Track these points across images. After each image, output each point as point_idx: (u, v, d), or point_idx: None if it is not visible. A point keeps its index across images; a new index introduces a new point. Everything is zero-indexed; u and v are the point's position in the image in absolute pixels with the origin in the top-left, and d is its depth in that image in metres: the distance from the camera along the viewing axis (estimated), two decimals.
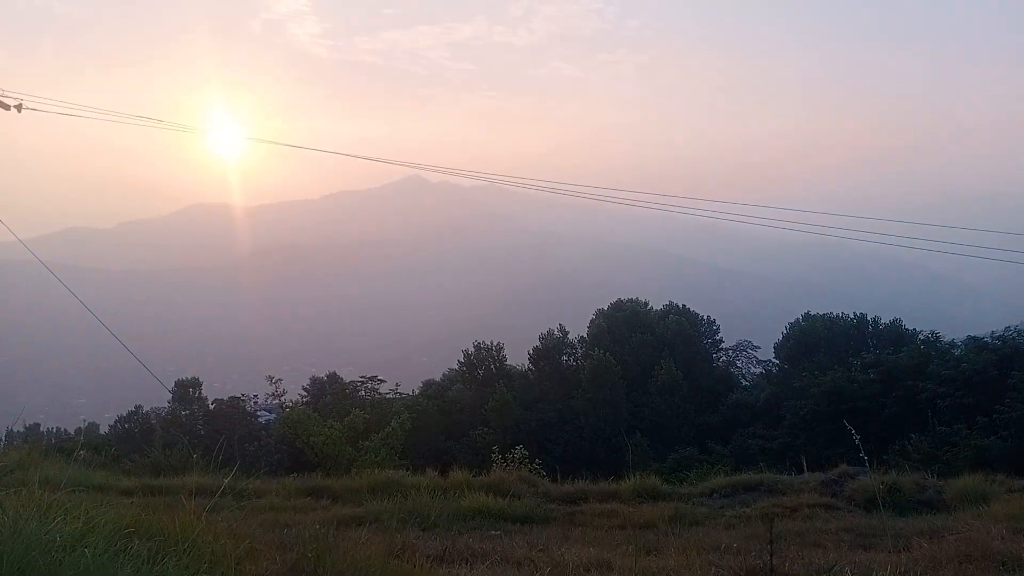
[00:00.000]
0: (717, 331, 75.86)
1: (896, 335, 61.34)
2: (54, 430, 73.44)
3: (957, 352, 47.33)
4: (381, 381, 58.69)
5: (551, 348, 66.65)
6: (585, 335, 69.34)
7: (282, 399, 49.10)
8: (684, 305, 74.54)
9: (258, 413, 58.17)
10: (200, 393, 61.12)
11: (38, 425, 73.96)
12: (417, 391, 65.09)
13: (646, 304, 72.35)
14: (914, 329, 62.62)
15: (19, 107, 24.20)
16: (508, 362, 67.23)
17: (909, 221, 36.87)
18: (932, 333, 56.79)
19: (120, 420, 62.61)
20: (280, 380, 51.87)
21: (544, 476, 15.46)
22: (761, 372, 73.49)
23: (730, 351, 79.21)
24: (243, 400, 58.28)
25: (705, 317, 75.01)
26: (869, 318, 65.25)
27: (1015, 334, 44.61)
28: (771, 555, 5.30)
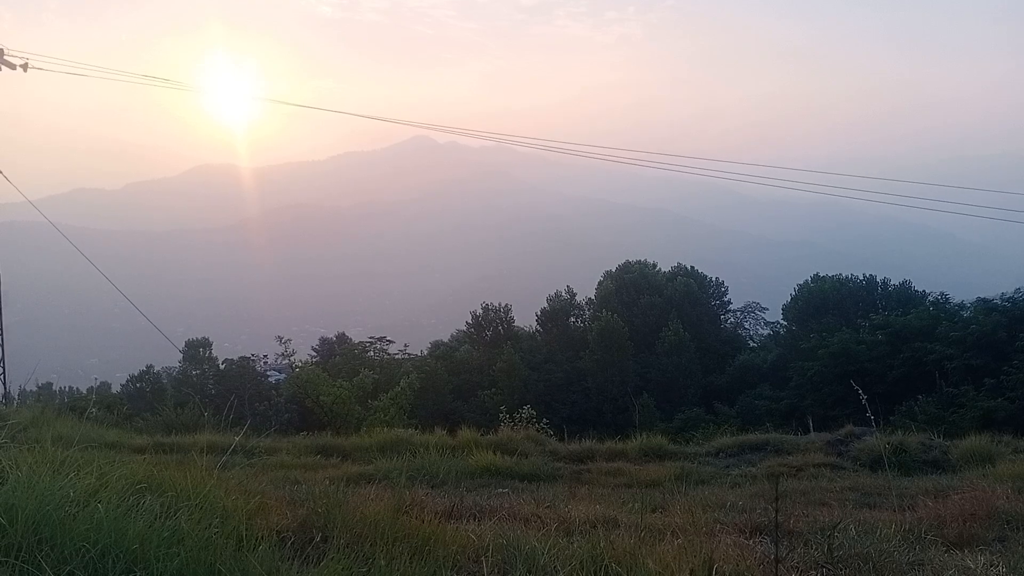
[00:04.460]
0: (725, 292, 75.82)
1: (905, 297, 61.16)
2: (66, 389, 74.15)
3: (966, 314, 47.22)
4: (390, 342, 58.93)
5: (559, 310, 66.75)
6: (593, 297, 69.41)
7: (292, 359, 49.22)
8: (692, 267, 74.43)
9: (268, 373, 58.57)
10: (210, 353, 61.61)
11: (50, 384, 74.58)
12: (426, 352, 65.44)
13: (654, 266, 72.26)
14: (923, 291, 62.44)
15: (25, 67, 24.13)
16: (516, 323, 67.47)
17: (918, 182, 36.55)
18: (941, 295, 56.61)
19: (132, 379, 63.27)
20: (289, 340, 51.90)
21: (551, 435, 15.56)
22: (769, 333, 73.55)
23: (738, 312, 79.25)
24: (253, 360, 58.64)
25: (713, 279, 74.93)
26: (878, 280, 65.01)
27: None
28: (776, 513, 5.33)
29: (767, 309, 79.32)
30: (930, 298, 58.06)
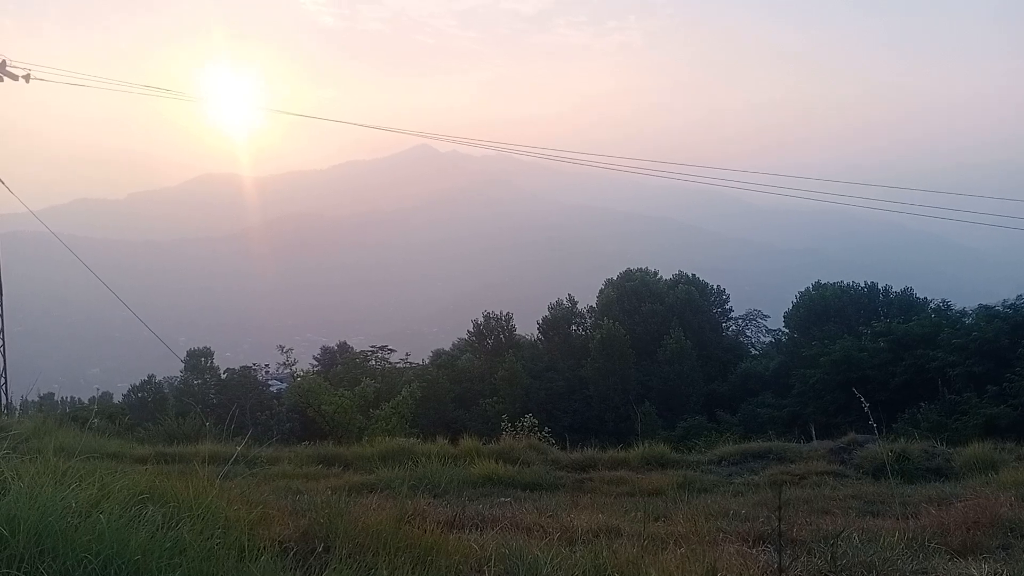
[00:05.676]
0: (726, 300, 75.77)
1: (907, 303, 61.14)
2: (68, 399, 74.21)
3: (968, 320, 47.14)
4: (391, 351, 58.92)
5: (560, 318, 66.73)
6: (594, 305, 69.39)
7: (293, 368, 49.36)
8: (693, 274, 74.37)
9: (270, 382, 58.64)
10: (212, 363, 61.59)
11: (52, 394, 74.64)
12: (427, 361, 65.40)
13: (655, 273, 72.22)
14: (925, 297, 62.39)
15: (27, 77, 24.17)
16: (517, 332, 67.45)
17: (920, 189, 36.45)
18: (943, 301, 56.54)
19: (133, 389, 63.26)
20: (291, 350, 52.11)
21: (553, 444, 15.53)
22: (771, 341, 73.49)
23: (739, 320, 79.17)
24: (255, 369, 58.70)
25: (714, 286, 74.88)
26: (880, 287, 64.99)
27: None
28: (779, 521, 5.32)
29: (769, 317, 79.28)
30: (932, 305, 58.00)
